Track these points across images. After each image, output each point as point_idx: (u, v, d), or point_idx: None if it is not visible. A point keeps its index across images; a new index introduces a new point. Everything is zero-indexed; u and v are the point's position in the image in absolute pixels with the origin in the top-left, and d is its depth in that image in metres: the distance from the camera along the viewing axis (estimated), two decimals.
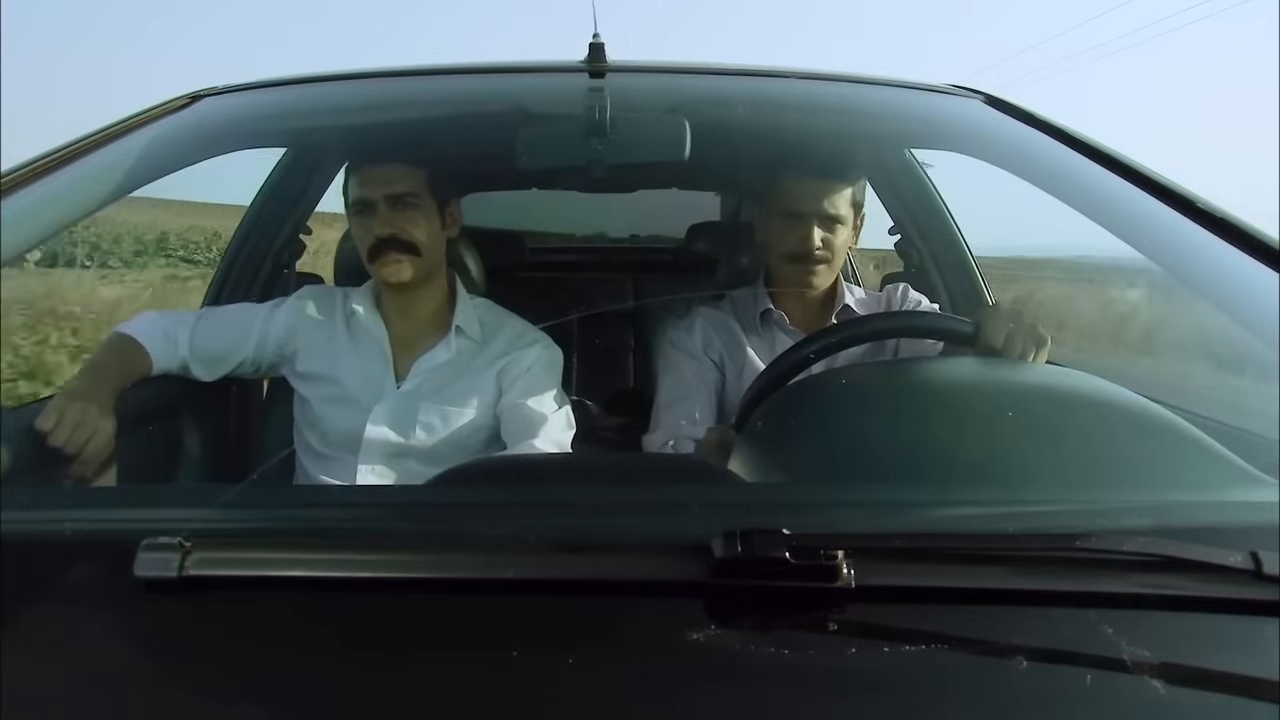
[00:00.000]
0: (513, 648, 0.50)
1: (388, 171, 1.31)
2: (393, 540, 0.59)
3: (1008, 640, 0.50)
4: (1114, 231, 1.04)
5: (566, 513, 0.67)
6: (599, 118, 1.21)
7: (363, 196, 1.31)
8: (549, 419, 1.30)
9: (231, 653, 0.51)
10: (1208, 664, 0.50)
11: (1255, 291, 0.88)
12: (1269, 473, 0.71)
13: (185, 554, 0.52)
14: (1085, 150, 1.13)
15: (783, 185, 1.37)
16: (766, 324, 1.42)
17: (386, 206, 1.30)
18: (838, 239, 1.36)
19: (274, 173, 1.89)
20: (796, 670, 0.49)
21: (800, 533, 0.52)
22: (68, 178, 1.03)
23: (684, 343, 1.41)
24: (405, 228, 1.30)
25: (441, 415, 1.32)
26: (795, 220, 1.34)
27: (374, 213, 1.30)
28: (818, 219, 1.33)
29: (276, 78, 1.41)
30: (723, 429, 1.16)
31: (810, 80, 1.47)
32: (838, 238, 1.35)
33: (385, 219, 1.30)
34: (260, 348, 1.36)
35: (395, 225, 1.30)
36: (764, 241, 1.43)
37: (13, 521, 0.60)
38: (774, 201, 1.38)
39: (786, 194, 1.36)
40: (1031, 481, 0.73)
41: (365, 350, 1.36)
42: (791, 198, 1.35)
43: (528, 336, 1.40)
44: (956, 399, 0.91)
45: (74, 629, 0.53)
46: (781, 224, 1.36)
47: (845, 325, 1.15)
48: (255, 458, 1.50)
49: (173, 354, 1.31)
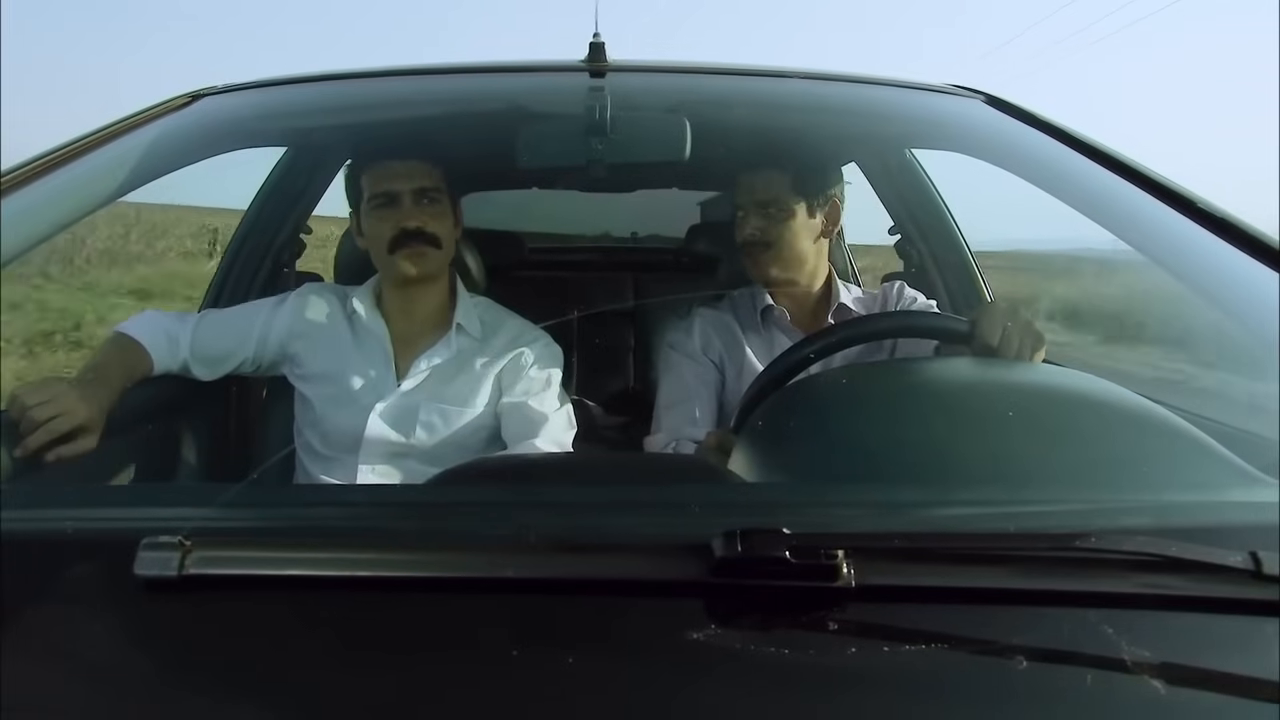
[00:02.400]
0: (513, 647, 0.50)
1: (413, 167, 1.34)
2: (393, 539, 0.59)
3: (1008, 640, 0.50)
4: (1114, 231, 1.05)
5: (567, 512, 0.67)
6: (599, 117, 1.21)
7: (388, 189, 1.33)
8: (549, 418, 1.30)
9: (232, 651, 0.51)
10: (1208, 664, 0.50)
11: (1255, 291, 0.89)
12: (1269, 473, 0.71)
13: (185, 553, 0.52)
14: (1085, 150, 1.13)
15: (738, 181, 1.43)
16: (767, 322, 1.43)
17: (412, 200, 1.32)
18: (778, 227, 1.38)
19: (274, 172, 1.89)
20: (796, 670, 0.49)
21: (800, 532, 0.52)
22: (68, 177, 1.03)
23: (683, 344, 1.42)
24: (429, 221, 1.32)
25: (442, 414, 1.32)
26: (738, 211, 1.41)
27: (398, 205, 1.32)
28: (751, 207, 1.39)
29: (277, 77, 1.41)
30: (722, 432, 1.17)
31: (810, 80, 1.47)
32: (777, 225, 1.38)
33: (411, 212, 1.32)
34: (261, 347, 1.36)
35: (420, 218, 1.32)
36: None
37: (13, 520, 0.60)
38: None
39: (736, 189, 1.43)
40: (1031, 481, 0.73)
41: (367, 349, 1.36)
42: (737, 191, 1.43)
43: (528, 335, 1.40)
44: (956, 399, 0.91)
45: (74, 627, 0.53)
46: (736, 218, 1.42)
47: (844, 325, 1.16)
48: (255, 457, 1.50)
49: (174, 354, 1.31)
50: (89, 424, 1.11)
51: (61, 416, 1.08)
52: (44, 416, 1.07)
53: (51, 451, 1.08)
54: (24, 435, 1.06)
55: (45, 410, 1.07)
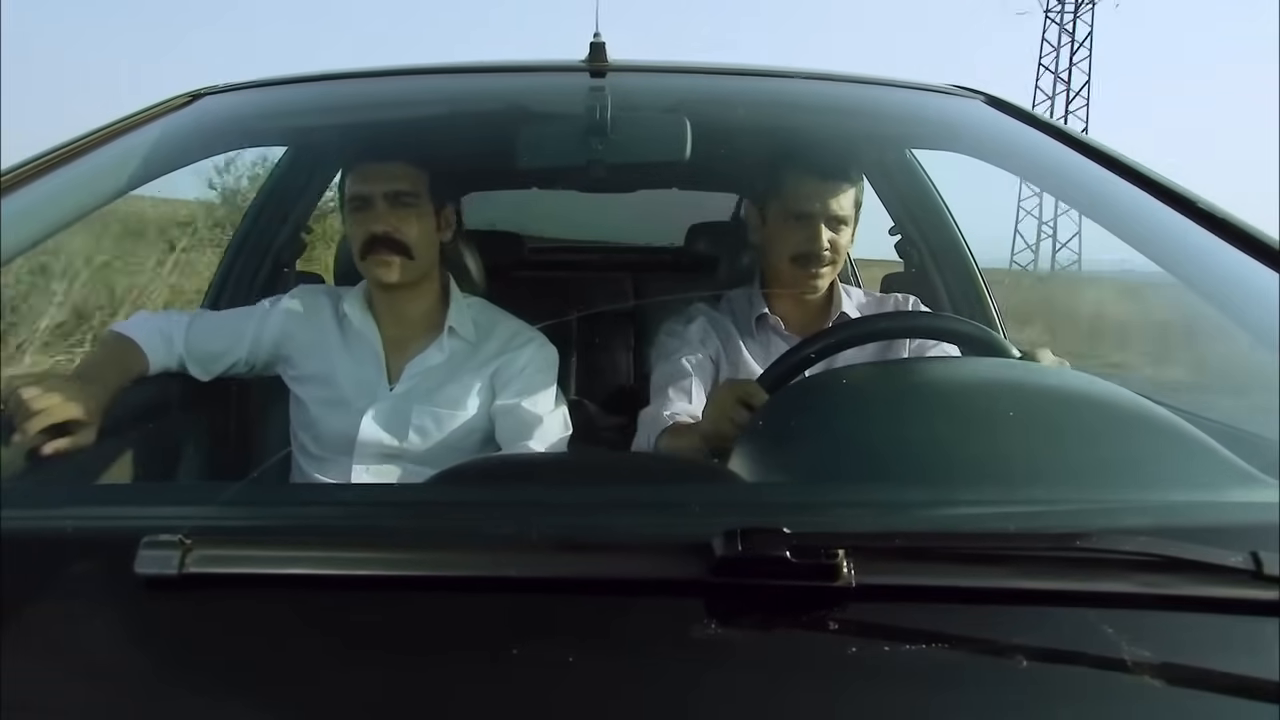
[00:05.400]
0: (513, 646, 0.50)
1: (389, 169, 1.30)
2: (393, 538, 0.59)
3: (1008, 640, 0.50)
4: (1114, 231, 1.05)
5: (567, 511, 0.67)
6: (599, 117, 1.21)
7: (361, 192, 1.30)
8: (544, 420, 1.29)
9: (232, 650, 0.51)
10: (1208, 664, 0.50)
11: (1255, 291, 0.89)
12: (1269, 473, 0.71)
13: (186, 551, 0.52)
14: (1085, 150, 1.13)
15: (787, 186, 1.35)
16: (762, 328, 1.41)
17: (384, 204, 1.29)
18: (842, 240, 1.35)
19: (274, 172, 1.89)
20: (796, 669, 0.49)
21: (801, 532, 0.52)
22: (68, 176, 1.03)
23: (681, 333, 1.40)
24: (399, 227, 1.29)
25: (435, 418, 1.31)
26: (803, 221, 1.33)
27: (370, 209, 1.29)
28: (824, 220, 1.33)
29: (277, 77, 1.41)
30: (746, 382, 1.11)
31: (810, 80, 1.47)
32: (842, 238, 1.35)
33: (381, 216, 1.28)
34: (254, 348, 1.36)
35: (390, 223, 1.28)
36: (762, 244, 1.42)
37: (14, 518, 0.61)
38: (778, 203, 1.36)
39: (792, 195, 1.34)
40: (1031, 481, 0.73)
41: (358, 352, 1.36)
42: (797, 198, 1.34)
43: (522, 336, 1.39)
44: (957, 399, 0.91)
45: (75, 626, 0.53)
46: (786, 225, 1.35)
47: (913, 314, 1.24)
48: (254, 456, 1.50)
49: (169, 353, 1.31)
50: (85, 421, 1.11)
51: (50, 410, 1.07)
52: (34, 410, 1.07)
53: (48, 448, 1.07)
54: (20, 433, 1.06)
55: (41, 407, 1.07)
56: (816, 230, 1.32)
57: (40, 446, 1.07)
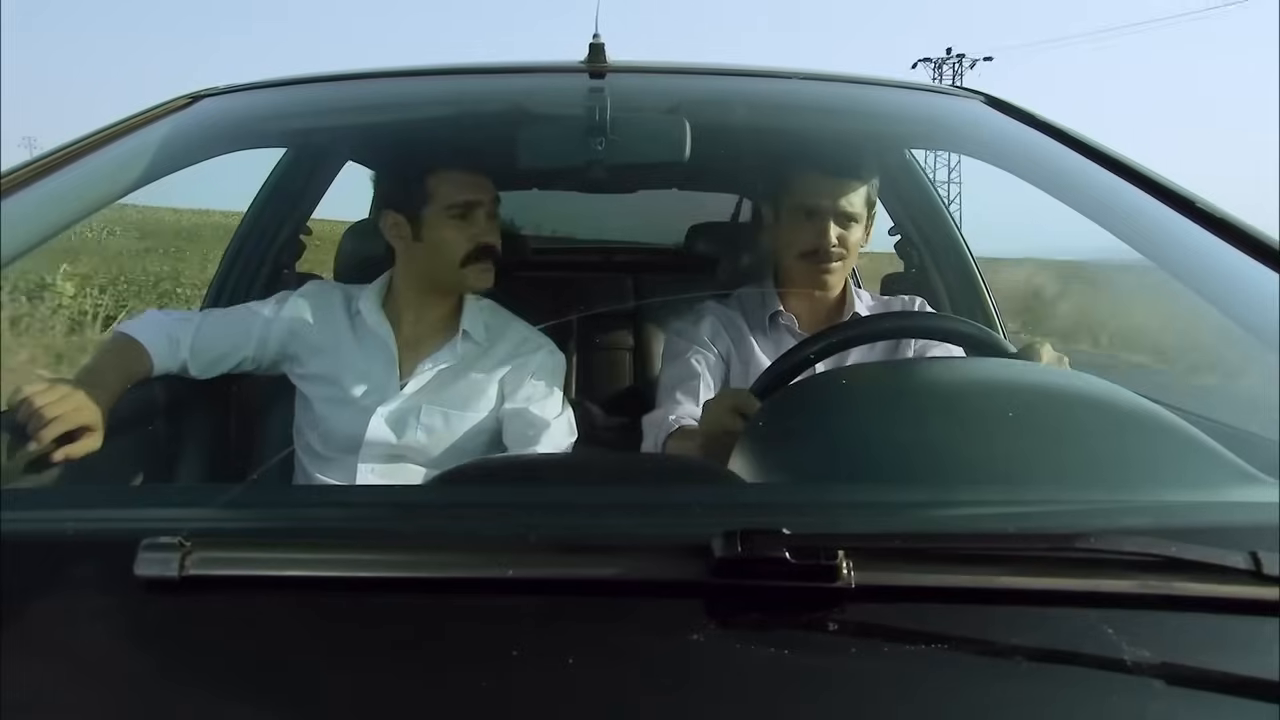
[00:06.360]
0: (512, 647, 0.50)
1: (485, 181, 1.35)
2: (393, 540, 0.59)
3: (1008, 640, 0.50)
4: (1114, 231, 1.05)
5: (566, 512, 0.67)
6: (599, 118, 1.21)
7: (469, 199, 1.33)
8: (551, 425, 1.30)
9: (232, 652, 0.51)
10: (1208, 664, 0.49)
11: (1255, 291, 0.89)
12: (1269, 473, 0.71)
13: (186, 554, 0.52)
14: (1085, 151, 1.13)
15: (798, 183, 1.36)
16: (774, 326, 1.41)
17: (487, 215, 1.34)
18: (852, 237, 1.36)
19: (274, 173, 1.89)
20: (796, 670, 0.49)
21: (800, 533, 0.52)
22: (68, 178, 1.03)
23: (690, 333, 1.40)
24: (498, 238, 1.36)
25: (444, 418, 1.32)
26: (812, 217, 1.34)
27: (477, 219, 1.33)
28: (834, 215, 1.33)
29: (277, 78, 1.41)
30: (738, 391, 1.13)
31: (811, 80, 1.47)
32: (852, 235, 1.35)
33: (489, 227, 1.34)
34: (262, 346, 1.36)
35: (495, 235, 1.35)
36: (773, 242, 1.42)
37: (13, 521, 0.60)
38: (788, 200, 1.37)
39: (802, 191, 1.35)
40: (1031, 481, 0.73)
41: (370, 351, 1.36)
42: (807, 195, 1.35)
43: (532, 342, 1.40)
44: (956, 399, 0.91)
45: (74, 628, 0.53)
46: (796, 222, 1.36)
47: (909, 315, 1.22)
48: (255, 458, 1.50)
49: (174, 354, 1.31)
50: (91, 424, 1.11)
51: (64, 417, 1.08)
52: (47, 417, 1.07)
53: (55, 452, 1.07)
54: (27, 436, 1.06)
55: (48, 411, 1.07)
56: (825, 226, 1.33)
57: (51, 453, 1.07)
